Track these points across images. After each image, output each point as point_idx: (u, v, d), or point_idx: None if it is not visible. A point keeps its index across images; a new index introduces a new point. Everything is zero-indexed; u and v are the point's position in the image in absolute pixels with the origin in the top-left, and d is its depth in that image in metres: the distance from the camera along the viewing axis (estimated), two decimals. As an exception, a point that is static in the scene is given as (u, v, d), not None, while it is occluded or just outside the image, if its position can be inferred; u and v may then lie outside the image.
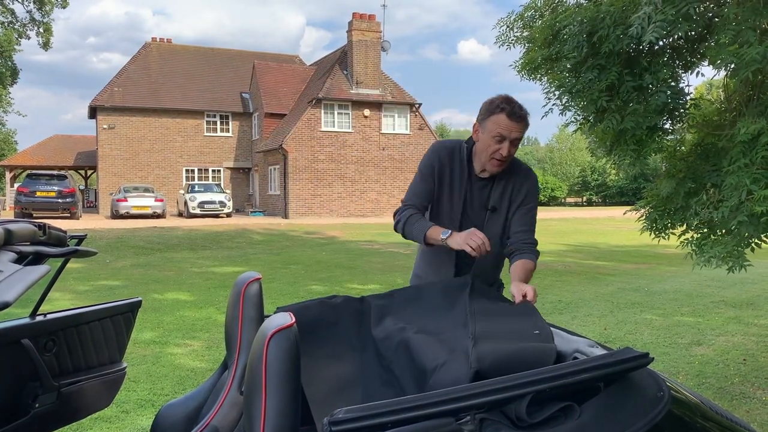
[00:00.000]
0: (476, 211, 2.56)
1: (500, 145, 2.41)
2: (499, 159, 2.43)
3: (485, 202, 2.56)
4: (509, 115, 2.37)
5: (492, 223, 2.55)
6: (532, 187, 2.62)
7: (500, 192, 2.55)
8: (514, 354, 1.58)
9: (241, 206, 32.67)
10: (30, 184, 23.38)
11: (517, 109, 2.38)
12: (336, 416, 1.13)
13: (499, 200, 2.55)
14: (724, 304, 7.81)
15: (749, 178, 3.10)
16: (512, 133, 2.39)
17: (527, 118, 2.42)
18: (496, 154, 2.43)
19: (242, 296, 2.03)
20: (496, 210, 2.55)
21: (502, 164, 2.46)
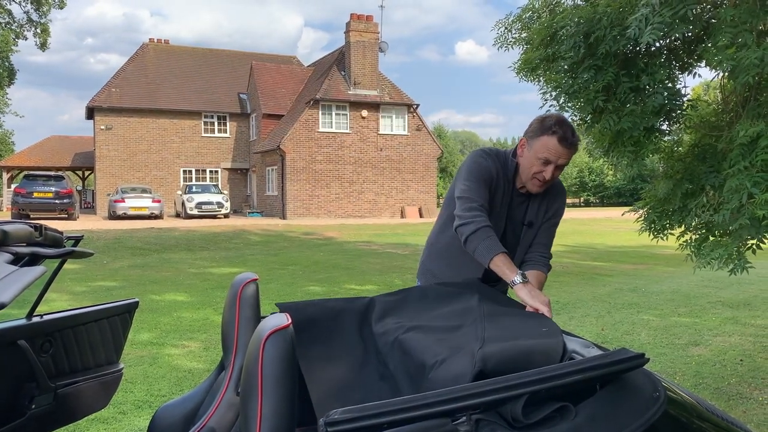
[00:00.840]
0: (514, 226, 2.54)
1: (545, 168, 2.34)
2: (541, 180, 2.38)
3: (522, 217, 2.54)
4: (561, 140, 2.29)
5: (526, 236, 2.55)
6: (563, 203, 2.62)
7: (536, 208, 2.54)
8: (520, 353, 1.58)
9: (238, 207, 32.65)
10: (27, 184, 23.32)
11: (569, 135, 2.29)
12: (332, 417, 1.13)
13: (535, 216, 2.54)
14: (721, 304, 7.82)
15: (750, 180, 3.10)
16: (560, 159, 2.33)
17: (578, 144, 2.34)
18: (539, 175, 2.36)
19: (239, 297, 2.03)
20: (532, 225, 2.54)
21: (543, 186, 2.41)
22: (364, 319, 2.09)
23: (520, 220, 2.53)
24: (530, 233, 2.55)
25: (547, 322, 1.85)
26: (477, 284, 2.25)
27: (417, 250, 14.54)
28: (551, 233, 2.60)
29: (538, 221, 2.55)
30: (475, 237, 2.29)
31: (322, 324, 2.03)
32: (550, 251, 2.58)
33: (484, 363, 1.50)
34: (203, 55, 35.58)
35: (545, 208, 2.55)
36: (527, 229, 2.54)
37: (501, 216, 2.48)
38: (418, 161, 29.49)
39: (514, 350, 1.58)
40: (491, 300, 2.09)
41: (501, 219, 2.48)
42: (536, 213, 2.54)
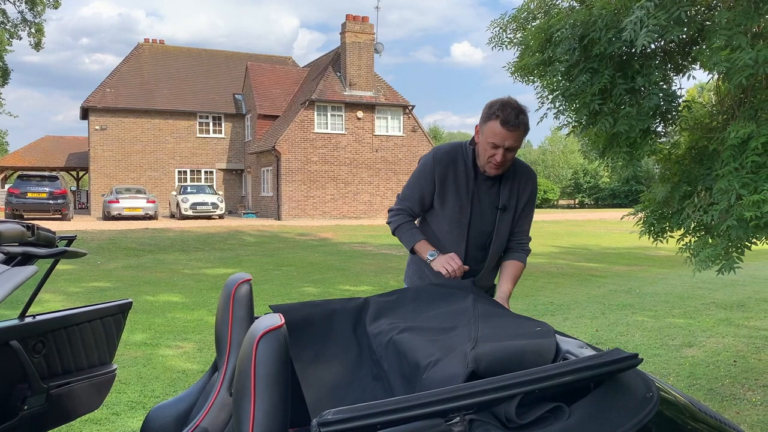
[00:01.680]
0: (486, 211, 2.58)
1: (495, 151, 2.41)
2: (494, 164, 2.44)
3: (495, 201, 2.58)
4: (503, 123, 2.35)
5: (502, 221, 2.59)
6: (535, 187, 2.68)
7: (508, 191, 2.58)
8: (512, 353, 1.58)
9: (233, 208, 32.59)
10: (21, 185, 23.24)
11: (512, 118, 2.35)
12: (325, 417, 1.12)
13: (508, 199, 2.58)
14: (714, 305, 7.84)
15: (739, 182, 3.12)
16: (506, 142, 2.38)
17: (524, 126, 2.39)
18: (491, 159, 2.44)
19: (232, 297, 2.02)
20: (506, 209, 2.58)
21: (500, 168, 2.47)
22: (359, 320, 2.09)
23: (492, 204, 2.58)
24: (506, 217, 2.59)
25: (540, 322, 1.86)
26: (471, 286, 2.26)
27: (412, 251, 14.54)
28: (529, 220, 2.70)
29: (513, 205, 2.59)
30: (398, 231, 2.67)
31: (316, 325, 2.03)
32: (529, 235, 2.72)
33: (477, 363, 1.50)
34: (198, 55, 35.52)
35: (518, 192, 2.60)
36: (502, 213, 2.58)
37: (466, 201, 2.55)
38: (413, 162, 29.48)
39: (506, 350, 1.58)
40: (485, 301, 2.09)
41: (466, 204, 2.55)
42: (509, 197, 2.58)
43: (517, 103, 2.40)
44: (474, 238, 2.58)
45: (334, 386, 1.90)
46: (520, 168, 2.62)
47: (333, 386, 1.90)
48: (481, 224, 2.56)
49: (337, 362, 1.95)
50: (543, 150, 66.51)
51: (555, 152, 61.20)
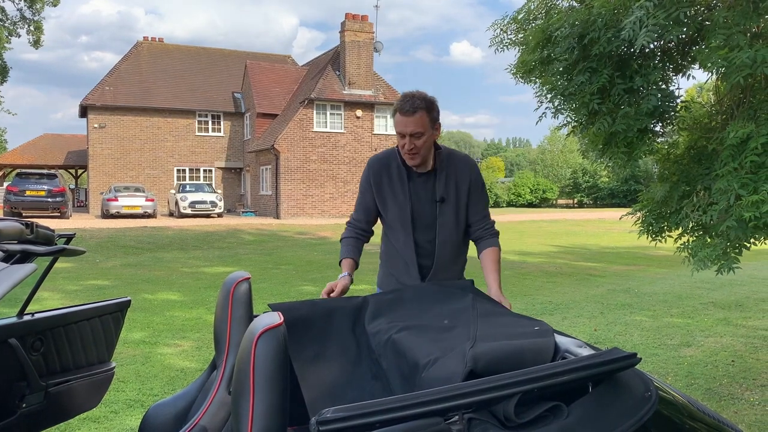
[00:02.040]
0: (426, 206, 2.66)
1: (404, 141, 2.53)
2: (408, 153, 2.54)
3: (432, 195, 2.66)
4: (398, 111, 2.50)
5: (443, 213, 2.66)
6: (475, 172, 2.73)
7: (444, 182, 2.65)
8: (511, 352, 1.58)
9: (232, 206, 32.57)
10: (19, 183, 23.20)
11: (406, 105, 2.48)
12: (324, 416, 1.12)
13: (445, 190, 2.65)
14: (713, 305, 7.85)
15: (738, 182, 3.11)
16: (407, 128, 2.50)
17: (419, 110, 2.49)
18: (403, 149, 2.55)
19: (231, 296, 2.02)
20: (444, 200, 2.65)
21: (415, 156, 2.56)
22: (358, 319, 2.09)
23: (431, 198, 2.66)
24: (447, 209, 2.66)
25: (539, 322, 1.86)
26: (470, 286, 2.26)
27: (411, 250, 14.53)
28: (484, 204, 2.75)
29: (452, 195, 2.66)
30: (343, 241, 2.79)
31: (315, 323, 2.03)
32: (490, 218, 2.77)
33: (475, 362, 1.50)
34: (198, 53, 35.48)
35: (455, 182, 2.66)
36: (441, 205, 2.65)
37: (404, 201, 2.66)
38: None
39: (505, 349, 1.58)
40: (484, 301, 2.09)
41: (405, 203, 2.65)
42: (445, 188, 2.65)
43: (416, 92, 2.54)
44: (420, 234, 2.66)
45: (333, 385, 1.90)
46: (455, 159, 2.69)
47: (332, 385, 1.90)
48: (423, 219, 2.65)
49: (336, 361, 1.95)
50: (542, 149, 66.52)
51: (554, 152, 61.18)
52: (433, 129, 2.55)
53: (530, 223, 26.18)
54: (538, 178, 54.91)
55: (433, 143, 2.61)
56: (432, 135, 2.56)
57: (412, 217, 2.64)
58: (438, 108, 2.59)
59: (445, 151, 2.69)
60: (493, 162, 79.82)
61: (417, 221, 2.64)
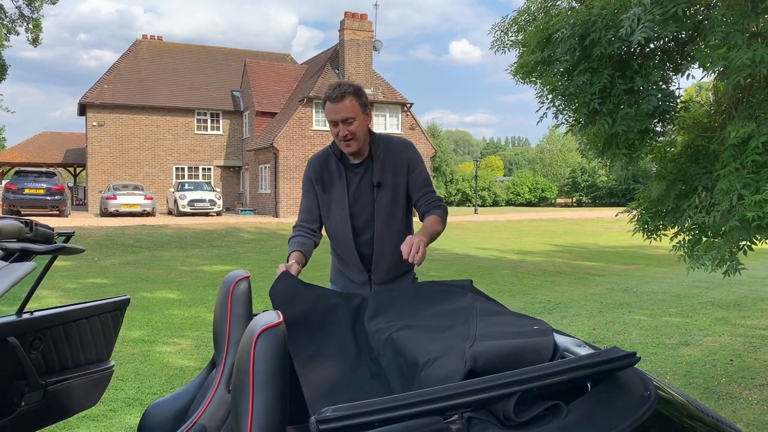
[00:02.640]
0: (364, 194, 2.67)
1: (336, 129, 2.54)
2: (343, 140, 2.56)
3: (370, 182, 2.67)
4: (329, 99, 2.52)
5: (380, 197, 2.66)
6: (411, 153, 2.72)
7: (380, 168, 2.66)
8: (510, 352, 1.58)
9: (231, 205, 32.55)
10: (18, 181, 23.17)
11: (334, 93, 2.50)
12: (323, 414, 1.12)
13: (382, 175, 2.66)
14: (711, 304, 7.86)
15: (740, 182, 3.11)
16: (339, 114, 2.51)
17: (347, 95, 2.51)
18: (337, 138, 2.57)
19: (230, 295, 2.02)
20: (381, 185, 2.66)
21: (351, 143, 2.58)
22: (357, 317, 2.09)
23: (368, 186, 2.67)
24: (384, 193, 2.66)
25: (538, 321, 1.86)
26: (469, 285, 2.26)
27: (410, 249, 14.53)
28: (424, 181, 2.72)
29: (388, 180, 2.66)
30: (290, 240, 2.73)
31: (314, 322, 2.03)
32: (436, 194, 2.73)
33: (474, 361, 1.50)
34: (197, 52, 35.44)
35: (392, 166, 2.67)
36: (378, 189, 2.66)
37: (343, 191, 2.67)
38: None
39: (504, 349, 1.58)
40: (484, 300, 2.09)
41: (343, 193, 2.67)
42: (382, 174, 2.66)
43: (343, 81, 2.58)
44: (359, 223, 2.68)
45: (333, 383, 1.90)
46: (389, 143, 2.70)
47: (332, 383, 1.90)
48: (361, 207, 2.66)
49: (336, 359, 1.95)
50: (541, 148, 66.53)
51: (553, 151, 61.22)
52: (364, 114, 2.57)
53: (529, 222, 26.20)
54: (536, 177, 54.94)
55: (367, 130, 2.62)
56: (364, 120, 2.58)
57: (350, 208, 2.66)
58: (365, 95, 2.60)
59: (379, 138, 2.70)
60: (492, 161, 79.84)
61: (355, 211, 2.66)
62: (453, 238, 18.01)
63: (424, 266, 11.62)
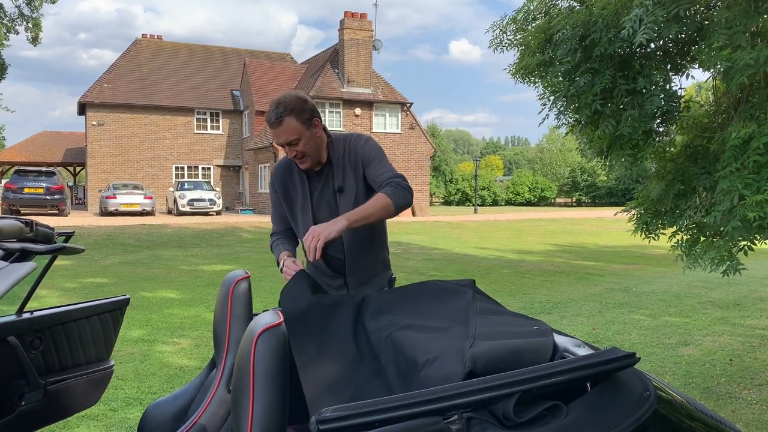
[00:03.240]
0: (327, 199, 2.62)
1: (287, 150, 2.46)
2: (297, 160, 2.51)
3: (332, 187, 2.61)
4: (269, 124, 2.43)
5: (343, 202, 2.59)
6: (364, 148, 2.58)
7: (341, 172, 2.59)
8: (509, 352, 1.58)
9: (230, 204, 32.55)
10: (17, 180, 23.18)
11: (271, 117, 2.40)
12: (323, 415, 1.13)
13: (343, 179, 2.59)
14: (711, 304, 7.87)
15: (741, 182, 3.11)
16: (280, 139, 2.43)
17: (284, 117, 2.38)
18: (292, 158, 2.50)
19: (231, 294, 2.03)
20: (342, 190, 2.59)
21: (305, 160, 2.51)
22: (359, 316, 2.09)
23: (330, 191, 2.61)
24: (347, 197, 2.59)
25: (538, 321, 1.86)
26: (471, 285, 2.26)
27: (409, 249, 14.55)
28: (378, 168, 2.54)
29: (349, 182, 2.59)
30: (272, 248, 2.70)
31: (316, 320, 2.03)
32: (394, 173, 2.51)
33: (474, 363, 1.50)
34: (196, 51, 35.44)
35: (352, 167, 2.59)
36: (341, 194, 2.60)
37: (306, 200, 2.62)
38: (411, 160, 29.49)
39: (503, 349, 1.58)
40: (483, 299, 2.09)
41: (307, 202, 2.61)
42: (343, 178, 2.59)
43: (281, 98, 2.43)
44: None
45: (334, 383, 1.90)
46: (346, 145, 2.60)
47: (332, 383, 1.90)
48: (326, 214, 2.59)
49: (338, 359, 1.95)
50: (541, 148, 66.55)
51: (552, 150, 61.25)
52: (310, 128, 2.44)
53: (529, 221, 26.20)
54: (536, 177, 54.99)
55: (317, 141, 2.50)
56: (311, 134, 2.45)
57: (314, 216, 2.60)
58: (309, 105, 2.45)
59: (337, 140, 2.60)
60: (491, 160, 79.87)
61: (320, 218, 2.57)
62: (453, 237, 18.02)
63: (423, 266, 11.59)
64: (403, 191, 2.39)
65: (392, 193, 2.36)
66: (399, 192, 2.38)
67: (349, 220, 2.26)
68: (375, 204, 2.33)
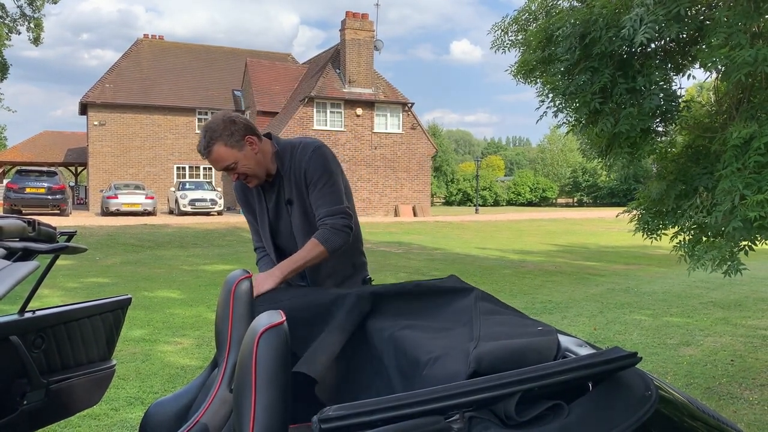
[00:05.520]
0: (281, 211, 2.58)
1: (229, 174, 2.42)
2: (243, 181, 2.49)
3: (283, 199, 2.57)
4: (201, 155, 2.42)
5: (294, 215, 2.53)
6: (309, 164, 2.46)
7: (289, 184, 2.51)
8: (513, 352, 1.58)
9: (232, 204, 32.56)
10: (19, 180, 23.22)
11: (200, 147, 2.39)
12: (326, 414, 1.13)
13: (291, 191, 2.51)
14: (712, 305, 7.86)
15: (742, 182, 3.12)
16: (217, 166, 2.40)
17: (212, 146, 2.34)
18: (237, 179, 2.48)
19: (232, 294, 2.02)
20: (292, 202, 2.52)
21: (250, 180, 2.46)
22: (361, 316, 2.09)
23: (283, 202, 2.56)
24: (296, 210, 2.51)
25: (541, 323, 1.86)
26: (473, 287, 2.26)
27: (411, 249, 14.55)
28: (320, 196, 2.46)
29: (295, 195, 2.51)
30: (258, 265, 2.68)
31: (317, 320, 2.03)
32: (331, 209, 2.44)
33: (479, 363, 1.50)
34: (198, 51, 35.46)
35: (297, 179, 2.49)
36: (290, 206, 2.54)
37: (262, 213, 2.59)
38: (412, 160, 29.50)
39: (507, 349, 1.58)
40: (487, 300, 2.09)
41: (263, 215, 2.59)
42: (291, 189, 2.51)
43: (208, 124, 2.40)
44: (282, 241, 2.60)
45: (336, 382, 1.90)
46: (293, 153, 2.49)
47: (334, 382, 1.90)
48: (281, 227, 2.58)
49: (339, 358, 1.96)
50: (542, 148, 66.52)
51: (554, 150, 61.21)
52: (242, 149, 2.36)
53: (530, 221, 26.19)
54: (538, 177, 54.96)
55: (258, 157, 2.41)
56: (246, 154, 2.37)
57: (271, 227, 2.59)
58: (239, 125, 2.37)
59: (283, 150, 2.50)
60: (492, 161, 79.85)
61: (277, 230, 2.59)
62: (454, 237, 18.02)
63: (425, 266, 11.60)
64: (335, 234, 2.40)
65: (324, 239, 2.38)
66: (331, 236, 2.39)
67: (283, 273, 2.32)
68: (308, 254, 2.37)
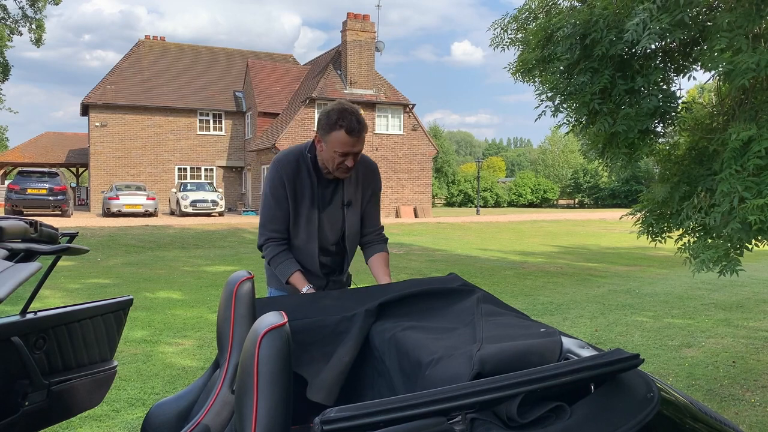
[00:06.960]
0: (333, 210, 2.68)
1: (345, 158, 2.49)
2: (346, 169, 2.54)
3: (341, 199, 2.68)
4: (348, 132, 2.44)
5: (350, 216, 2.70)
6: (378, 180, 2.80)
7: (353, 187, 2.69)
8: (516, 354, 1.58)
9: (233, 205, 32.58)
10: (21, 181, 23.24)
11: (355, 124, 2.44)
12: (328, 415, 1.13)
13: (354, 194, 2.69)
14: (714, 306, 7.85)
15: (741, 185, 3.11)
16: (355, 148, 2.48)
17: (365, 129, 2.49)
18: (342, 165, 2.52)
19: (234, 295, 2.02)
20: (351, 204, 2.69)
21: (350, 171, 2.58)
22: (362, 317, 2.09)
23: (339, 202, 2.68)
24: (353, 212, 2.71)
25: (544, 325, 1.86)
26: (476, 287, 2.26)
27: (412, 250, 14.54)
28: (377, 210, 2.83)
29: (358, 199, 2.71)
30: (274, 261, 2.65)
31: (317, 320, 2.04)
32: (381, 224, 2.86)
33: (482, 365, 1.50)
34: (199, 52, 35.50)
35: (362, 187, 2.71)
36: (348, 208, 2.69)
37: (314, 204, 2.64)
38: (413, 161, 29.50)
39: (510, 351, 1.58)
40: (489, 302, 2.09)
41: (314, 206, 2.64)
42: (354, 193, 2.69)
43: (352, 108, 2.50)
44: (324, 238, 2.68)
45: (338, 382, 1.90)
46: (361, 163, 2.69)
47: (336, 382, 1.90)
48: (330, 224, 2.68)
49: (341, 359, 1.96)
50: (543, 149, 66.46)
51: (555, 152, 61.15)
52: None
53: (531, 223, 26.18)
54: (539, 178, 54.91)
55: None
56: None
57: (320, 224, 2.65)
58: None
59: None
60: (493, 162, 79.82)
61: (322, 227, 2.66)
62: (455, 239, 18.01)
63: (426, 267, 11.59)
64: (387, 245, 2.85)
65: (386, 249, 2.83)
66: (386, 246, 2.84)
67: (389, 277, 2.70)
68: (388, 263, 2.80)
